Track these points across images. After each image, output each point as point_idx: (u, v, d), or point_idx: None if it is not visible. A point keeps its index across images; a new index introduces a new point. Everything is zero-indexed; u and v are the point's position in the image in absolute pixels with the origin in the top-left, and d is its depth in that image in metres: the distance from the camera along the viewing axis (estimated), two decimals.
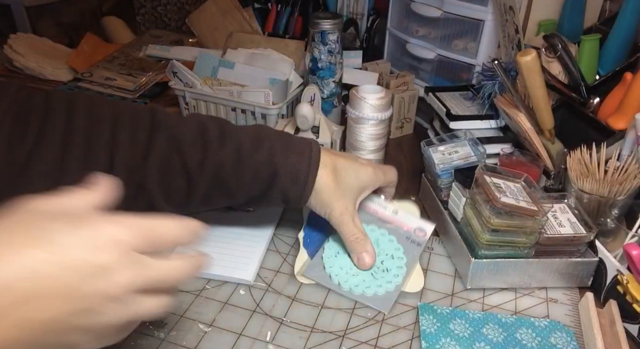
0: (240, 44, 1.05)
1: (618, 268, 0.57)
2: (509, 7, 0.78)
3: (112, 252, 0.31)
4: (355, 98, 0.77)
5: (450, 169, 0.68)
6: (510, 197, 0.58)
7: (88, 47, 1.22)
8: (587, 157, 0.67)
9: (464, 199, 0.63)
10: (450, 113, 0.82)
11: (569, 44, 0.77)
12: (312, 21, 0.85)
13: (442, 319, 0.56)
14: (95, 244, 0.31)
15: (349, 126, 0.80)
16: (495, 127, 0.83)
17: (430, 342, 0.53)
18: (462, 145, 0.71)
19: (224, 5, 1.14)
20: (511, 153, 0.73)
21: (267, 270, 0.63)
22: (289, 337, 0.54)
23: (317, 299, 0.59)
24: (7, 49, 1.15)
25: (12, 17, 1.63)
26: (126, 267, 0.32)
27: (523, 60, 0.64)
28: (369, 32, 1.16)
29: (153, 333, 0.54)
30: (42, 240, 0.30)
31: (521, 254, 0.59)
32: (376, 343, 0.54)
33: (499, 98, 0.77)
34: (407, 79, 0.95)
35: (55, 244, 0.30)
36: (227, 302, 0.58)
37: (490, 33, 0.89)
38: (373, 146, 0.79)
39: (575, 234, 0.59)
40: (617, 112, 0.71)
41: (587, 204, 0.64)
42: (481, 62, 0.90)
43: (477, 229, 0.59)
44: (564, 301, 0.60)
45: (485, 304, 0.59)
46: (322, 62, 0.87)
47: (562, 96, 0.78)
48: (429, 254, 0.67)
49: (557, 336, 0.54)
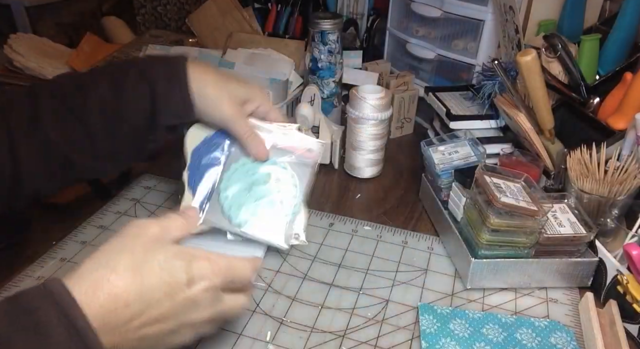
0: (240, 44, 1.05)
1: (618, 268, 0.57)
2: (509, 7, 0.78)
3: (205, 289, 0.42)
4: (355, 98, 0.77)
5: (450, 169, 0.68)
6: (510, 197, 0.58)
7: (88, 47, 1.22)
8: (587, 157, 0.67)
9: (464, 199, 0.63)
10: (450, 113, 0.82)
11: (569, 44, 0.77)
12: (312, 21, 0.85)
13: (442, 319, 0.56)
14: (193, 278, 0.41)
15: (349, 126, 0.80)
16: (495, 127, 0.83)
17: (430, 342, 0.53)
18: (462, 145, 0.71)
19: (224, 5, 1.14)
20: (511, 153, 0.73)
21: (267, 270, 0.63)
22: (289, 337, 0.54)
23: (317, 299, 0.59)
24: (7, 49, 1.14)
25: (12, 17, 1.63)
26: (211, 303, 0.43)
27: (523, 60, 0.64)
28: (369, 32, 1.16)
29: None
30: (167, 276, 0.40)
31: (521, 254, 0.59)
32: (376, 343, 0.54)
33: (499, 98, 0.77)
34: (407, 79, 0.95)
35: (174, 281, 0.40)
36: None
37: (490, 33, 0.89)
38: (373, 146, 0.80)
39: (575, 234, 0.59)
40: (617, 112, 0.71)
41: (587, 204, 0.64)
42: (481, 62, 0.90)
43: (477, 229, 0.59)
44: (564, 301, 0.60)
45: (485, 304, 0.59)
46: (322, 62, 0.87)
47: (562, 96, 0.78)
48: (429, 254, 0.67)
49: (557, 336, 0.54)
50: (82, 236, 0.67)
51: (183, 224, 0.46)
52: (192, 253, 0.43)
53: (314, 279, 0.62)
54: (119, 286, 0.38)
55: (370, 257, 0.66)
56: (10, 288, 0.58)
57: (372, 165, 0.82)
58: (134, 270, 0.39)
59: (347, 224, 0.72)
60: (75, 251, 0.65)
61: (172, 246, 0.43)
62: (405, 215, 0.75)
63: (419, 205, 0.77)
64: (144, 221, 0.44)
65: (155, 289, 0.39)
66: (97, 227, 0.69)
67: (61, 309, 0.35)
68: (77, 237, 0.67)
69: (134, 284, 0.38)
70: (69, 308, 0.35)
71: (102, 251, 0.40)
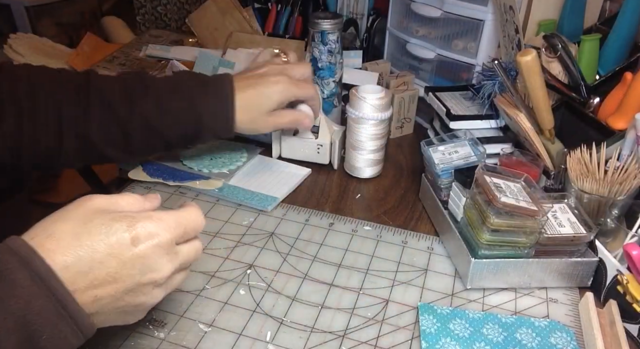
0: (240, 44, 1.05)
1: (618, 268, 0.57)
2: (509, 7, 0.78)
3: (155, 246, 0.42)
4: (355, 98, 0.77)
5: (450, 169, 0.68)
6: (510, 197, 0.58)
7: (88, 47, 1.22)
8: (587, 157, 0.67)
9: (464, 199, 0.63)
10: (450, 113, 0.82)
11: (569, 44, 0.77)
12: (312, 21, 0.85)
13: (442, 319, 0.56)
14: (137, 237, 0.41)
15: (349, 126, 0.80)
16: (495, 127, 0.83)
17: (430, 342, 0.53)
18: (462, 145, 0.71)
19: (224, 5, 1.14)
20: (511, 153, 0.73)
21: (267, 270, 0.63)
22: (289, 337, 0.54)
23: (317, 299, 0.59)
24: (7, 49, 1.15)
25: (12, 17, 1.63)
26: (168, 259, 0.43)
27: (523, 60, 0.64)
28: (369, 32, 1.16)
29: (153, 333, 0.54)
30: (105, 237, 0.40)
31: (521, 254, 0.59)
32: (376, 343, 0.54)
33: (499, 98, 0.77)
34: (407, 79, 0.95)
35: (115, 241, 0.40)
36: (227, 302, 0.58)
37: (490, 33, 0.89)
38: (373, 146, 0.79)
39: (575, 234, 0.59)
40: (617, 112, 0.71)
41: (587, 204, 0.64)
42: (481, 62, 0.90)
43: (477, 229, 0.59)
44: (564, 301, 0.60)
45: (485, 304, 0.59)
46: (322, 62, 0.87)
47: (562, 96, 0.78)
48: (429, 254, 0.67)
49: (557, 336, 0.54)
50: None
51: (135, 200, 0.46)
52: (133, 216, 0.42)
53: (314, 279, 0.62)
54: (53, 249, 0.38)
55: (370, 257, 0.66)
56: None
57: (372, 165, 0.82)
58: (72, 235, 0.39)
59: (347, 224, 0.72)
60: None
61: (114, 213, 0.43)
62: (405, 215, 0.75)
63: (419, 205, 0.77)
64: (92, 195, 0.44)
65: (96, 250, 0.39)
66: None
67: (20, 258, 0.37)
68: None
69: (70, 246, 0.39)
70: (29, 256, 0.38)
71: (44, 220, 0.41)
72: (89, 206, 0.42)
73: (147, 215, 0.43)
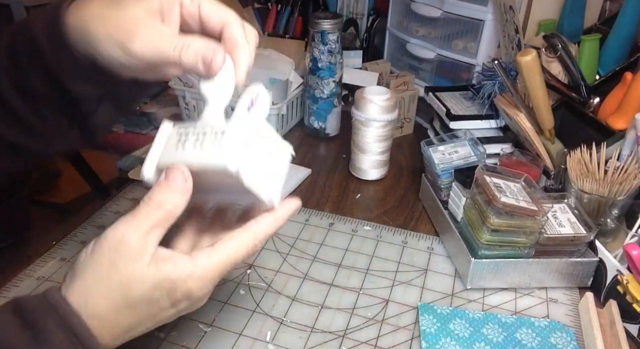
0: None
1: (618, 268, 0.57)
2: (509, 7, 0.78)
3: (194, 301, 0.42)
4: (363, 100, 0.76)
5: (450, 169, 0.68)
6: (510, 197, 0.58)
7: None
8: (587, 157, 0.67)
9: (464, 199, 0.63)
10: (450, 113, 0.82)
11: (569, 44, 0.77)
12: (312, 21, 0.85)
13: (442, 319, 0.56)
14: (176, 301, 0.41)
15: (355, 129, 0.80)
16: (495, 127, 0.83)
17: (430, 342, 0.53)
18: (462, 145, 0.71)
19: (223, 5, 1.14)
20: (511, 153, 0.73)
21: (267, 270, 0.63)
22: (289, 337, 0.54)
23: (317, 299, 0.59)
24: None
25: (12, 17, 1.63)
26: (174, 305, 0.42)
27: (523, 60, 0.64)
28: (369, 32, 1.16)
29: (153, 333, 0.54)
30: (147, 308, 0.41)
31: (521, 254, 0.59)
32: (376, 343, 0.54)
33: (499, 98, 0.77)
34: (407, 79, 0.95)
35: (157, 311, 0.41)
36: (227, 302, 0.58)
37: (490, 33, 0.89)
38: (379, 147, 0.79)
39: (575, 234, 0.59)
40: (617, 112, 0.71)
41: (587, 204, 0.64)
42: (481, 62, 0.90)
43: (477, 229, 0.59)
44: (564, 301, 0.60)
45: (485, 304, 0.59)
46: (322, 62, 0.87)
47: (562, 96, 0.78)
48: (429, 254, 0.67)
49: (557, 336, 0.54)
50: (82, 236, 0.67)
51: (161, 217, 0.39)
52: (172, 279, 0.40)
53: (314, 279, 0.62)
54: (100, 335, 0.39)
55: (370, 257, 0.66)
56: (10, 288, 0.58)
57: (378, 167, 0.82)
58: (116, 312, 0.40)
59: (347, 224, 0.72)
60: (75, 251, 0.65)
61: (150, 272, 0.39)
62: (405, 215, 0.75)
63: (419, 205, 0.77)
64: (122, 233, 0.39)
65: (139, 323, 0.41)
66: (97, 227, 0.69)
67: (60, 316, 0.37)
68: (77, 237, 0.67)
69: (115, 327, 0.40)
70: (68, 316, 0.37)
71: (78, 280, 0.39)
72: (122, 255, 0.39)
73: (187, 275, 0.40)
